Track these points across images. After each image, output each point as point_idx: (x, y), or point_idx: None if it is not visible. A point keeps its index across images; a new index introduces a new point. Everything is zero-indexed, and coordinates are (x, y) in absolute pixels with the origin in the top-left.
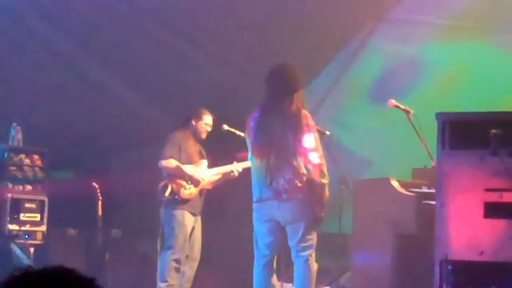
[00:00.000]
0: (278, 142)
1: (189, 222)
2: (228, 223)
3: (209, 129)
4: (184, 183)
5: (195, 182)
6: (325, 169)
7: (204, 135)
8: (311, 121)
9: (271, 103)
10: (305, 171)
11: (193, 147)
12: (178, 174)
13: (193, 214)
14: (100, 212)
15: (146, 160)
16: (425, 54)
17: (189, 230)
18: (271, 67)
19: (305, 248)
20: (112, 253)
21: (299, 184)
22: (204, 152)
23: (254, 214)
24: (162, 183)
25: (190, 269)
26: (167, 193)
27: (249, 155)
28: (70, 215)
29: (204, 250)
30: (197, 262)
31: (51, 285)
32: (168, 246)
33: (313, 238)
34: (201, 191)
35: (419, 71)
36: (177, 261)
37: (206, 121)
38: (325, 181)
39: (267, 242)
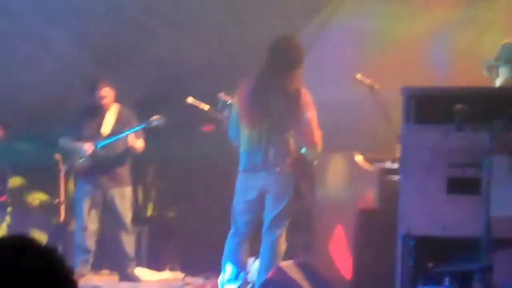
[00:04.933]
0: (274, 116)
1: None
2: (196, 194)
3: (104, 101)
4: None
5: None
6: (320, 150)
7: (99, 108)
8: (310, 99)
9: (270, 76)
10: (298, 149)
11: (89, 121)
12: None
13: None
14: (62, 184)
15: None
16: (390, 29)
17: (83, 203)
18: (276, 37)
19: (278, 226)
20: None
21: (289, 160)
22: (108, 123)
23: (238, 189)
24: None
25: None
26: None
27: (232, 124)
28: (32, 188)
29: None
30: (127, 237)
31: (11, 254)
32: None
33: (288, 217)
34: (95, 165)
35: (384, 46)
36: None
37: (102, 93)
38: (316, 162)
39: (246, 220)
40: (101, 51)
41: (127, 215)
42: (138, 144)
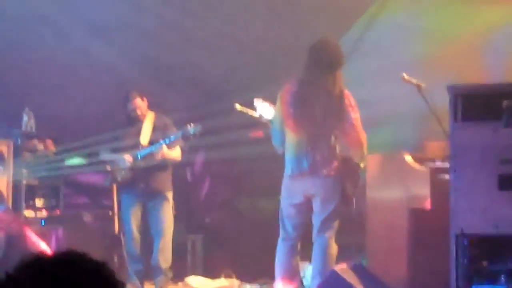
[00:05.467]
0: (319, 119)
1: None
2: (248, 201)
3: (138, 111)
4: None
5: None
6: (365, 152)
7: (135, 119)
8: (353, 101)
9: (313, 79)
10: (343, 150)
11: (127, 133)
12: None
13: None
14: (115, 196)
15: None
16: (438, 26)
17: (130, 213)
18: (315, 41)
19: (327, 229)
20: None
21: (335, 163)
22: (146, 132)
23: (284, 193)
24: None
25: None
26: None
27: (276, 130)
28: (85, 200)
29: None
30: (161, 248)
31: (61, 269)
32: None
33: (337, 220)
34: (136, 175)
35: (432, 43)
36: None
37: (134, 103)
38: (362, 164)
39: (294, 224)
40: (152, 64)
41: (166, 222)
42: (174, 154)
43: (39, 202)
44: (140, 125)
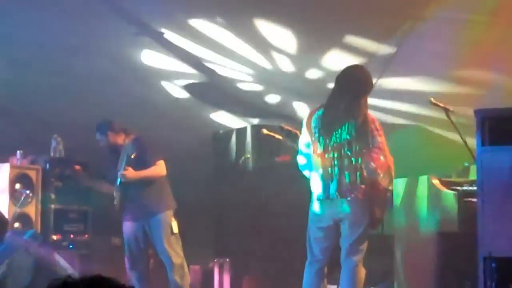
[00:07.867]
0: (345, 144)
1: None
2: (275, 225)
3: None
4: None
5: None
6: (393, 175)
7: (115, 146)
8: (379, 124)
9: (338, 105)
10: (370, 174)
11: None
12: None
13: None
14: None
15: (191, 169)
16: (462, 52)
17: (130, 238)
18: (346, 67)
19: (356, 252)
20: (157, 260)
21: (363, 187)
22: (121, 162)
23: (312, 217)
24: None
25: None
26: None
27: (300, 153)
28: (114, 224)
29: (253, 250)
30: (173, 267)
31: None
32: None
33: (365, 243)
34: (124, 201)
35: (457, 69)
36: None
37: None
38: (391, 187)
39: (322, 247)
40: None
41: (166, 244)
42: (147, 172)
43: (67, 227)
44: (119, 152)
